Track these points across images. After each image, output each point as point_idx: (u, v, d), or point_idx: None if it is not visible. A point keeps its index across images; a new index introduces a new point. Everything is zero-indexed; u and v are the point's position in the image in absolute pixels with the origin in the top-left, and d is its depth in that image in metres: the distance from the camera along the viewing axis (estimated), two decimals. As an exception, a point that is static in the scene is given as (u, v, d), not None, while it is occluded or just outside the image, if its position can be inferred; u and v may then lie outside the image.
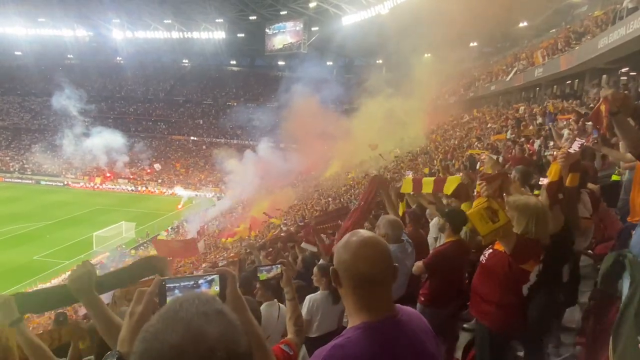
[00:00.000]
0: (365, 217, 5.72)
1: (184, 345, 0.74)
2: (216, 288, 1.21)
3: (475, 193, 4.11)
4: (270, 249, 8.90)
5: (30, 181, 44.42)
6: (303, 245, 6.56)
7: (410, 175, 6.29)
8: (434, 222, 4.48)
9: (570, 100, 14.11)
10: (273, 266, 2.20)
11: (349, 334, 1.29)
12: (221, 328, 0.78)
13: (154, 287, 1.14)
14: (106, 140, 44.48)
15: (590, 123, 8.23)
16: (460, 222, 3.49)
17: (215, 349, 0.75)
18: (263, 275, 2.14)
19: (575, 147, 4.21)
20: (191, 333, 0.75)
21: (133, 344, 1.07)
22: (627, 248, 2.97)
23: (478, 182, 2.84)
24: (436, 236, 4.32)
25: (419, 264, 3.50)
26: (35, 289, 2.09)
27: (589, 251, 3.95)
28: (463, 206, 3.96)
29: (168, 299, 1.15)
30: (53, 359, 1.90)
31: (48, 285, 18.09)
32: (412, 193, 5.18)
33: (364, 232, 1.39)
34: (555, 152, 6.80)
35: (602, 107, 2.62)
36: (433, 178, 4.96)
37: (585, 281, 4.20)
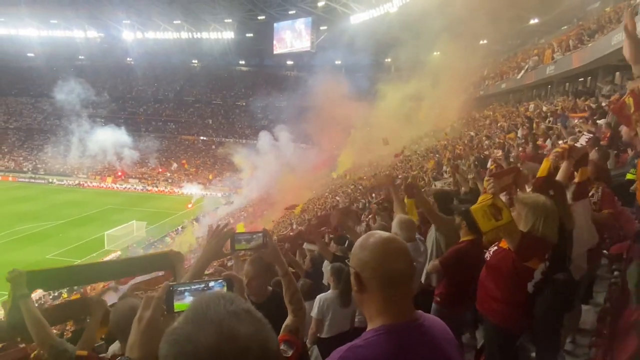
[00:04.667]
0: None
1: (219, 346, 0.75)
2: None
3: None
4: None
5: (42, 181, 45.04)
6: (305, 245, 6.57)
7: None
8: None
9: (582, 98, 13.90)
10: (254, 234, 1.80)
11: (369, 336, 1.23)
12: (252, 327, 0.79)
13: (162, 293, 1.15)
14: (117, 140, 45.07)
15: (602, 121, 8.13)
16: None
17: (249, 348, 0.76)
18: (241, 245, 1.77)
19: (582, 141, 4.11)
20: (224, 334, 0.76)
21: (143, 349, 1.08)
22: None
23: (486, 179, 2.79)
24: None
25: (435, 262, 3.48)
26: (46, 268, 2.26)
27: (604, 251, 3.88)
28: (407, 202, 3.97)
29: (180, 303, 1.16)
30: (52, 336, 1.99)
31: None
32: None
33: (381, 232, 1.34)
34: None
35: (629, 100, 2.47)
36: None
37: (600, 282, 4.13)
